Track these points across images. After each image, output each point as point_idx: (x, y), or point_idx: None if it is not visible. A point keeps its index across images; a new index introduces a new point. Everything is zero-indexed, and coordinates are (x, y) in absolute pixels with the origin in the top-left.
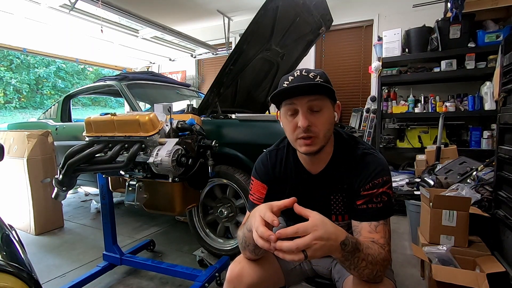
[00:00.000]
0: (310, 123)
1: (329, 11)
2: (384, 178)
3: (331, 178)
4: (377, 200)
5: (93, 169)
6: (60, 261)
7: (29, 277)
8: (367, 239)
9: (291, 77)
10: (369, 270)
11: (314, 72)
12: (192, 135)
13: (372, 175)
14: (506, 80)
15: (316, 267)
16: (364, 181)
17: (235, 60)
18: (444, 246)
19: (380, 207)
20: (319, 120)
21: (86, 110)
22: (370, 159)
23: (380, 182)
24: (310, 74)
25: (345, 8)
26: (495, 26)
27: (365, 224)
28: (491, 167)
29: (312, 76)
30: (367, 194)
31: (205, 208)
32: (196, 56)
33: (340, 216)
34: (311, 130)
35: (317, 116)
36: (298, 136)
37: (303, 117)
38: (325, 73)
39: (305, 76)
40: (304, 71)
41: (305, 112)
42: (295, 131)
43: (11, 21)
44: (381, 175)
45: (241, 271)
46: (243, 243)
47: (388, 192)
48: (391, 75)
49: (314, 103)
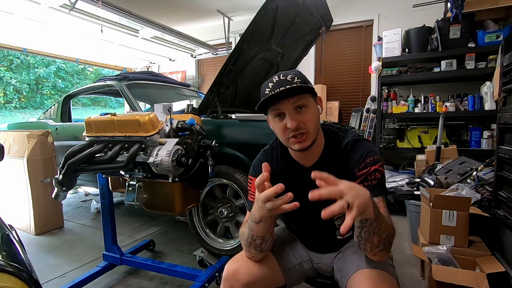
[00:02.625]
0: (298, 121)
1: (329, 11)
2: (375, 157)
3: (325, 169)
4: (371, 178)
5: (93, 169)
6: (60, 261)
7: (29, 277)
8: None
9: (271, 83)
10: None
11: (291, 74)
12: (192, 135)
13: (363, 156)
14: (506, 80)
15: (318, 265)
16: (357, 162)
17: (235, 60)
18: (444, 246)
19: (375, 183)
20: (306, 116)
21: (86, 110)
22: (360, 144)
23: (371, 161)
24: (288, 77)
25: (345, 8)
26: (495, 26)
27: None
28: (491, 167)
29: (290, 79)
30: (362, 174)
31: (205, 208)
32: (196, 56)
33: None
34: (300, 127)
35: (304, 113)
36: (289, 136)
37: (291, 119)
38: (301, 73)
39: (283, 80)
40: (281, 75)
41: (291, 113)
42: (285, 132)
43: (11, 21)
44: (371, 154)
45: (238, 269)
46: (249, 238)
47: (380, 169)
48: (391, 75)
49: (298, 103)
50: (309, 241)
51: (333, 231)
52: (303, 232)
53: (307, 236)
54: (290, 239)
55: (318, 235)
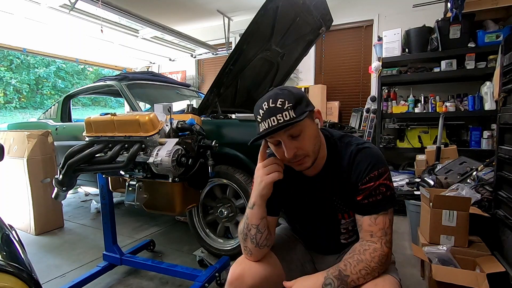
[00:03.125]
0: (295, 149)
1: (329, 11)
2: (379, 170)
3: (328, 179)
4: (376, 193)
5: (93, 169)
6: (60, 261)
7: (29, 277)
8: (367, 232)
9: (261, 110)
10: (370, 277)
11: (281, 98)
12: (192, 135)
13: (367, 170)
14: (506, 80)
15: (319, 266)
16: (360, 176)
17: (235, 60)
18: (444, 246)
19: (379, 199)
20: (303, 143)
21: (86, 110)
22: (364, 154)
23: (376, 175)
24: (278, 103)
25: (345, 8)
26: (495, 26)
27: (366, 217)
28: (491, 167)
29: (280, 104)
30: (365, 188)
31: (205, 208)
32: (196, 56)
33: (346, 214)
34: (298, 154)
35: (300, 140)
36: (290, 161)
37: (287, 149)
38: (292, 91)
39: (273, 108)
40: (271, 102)
41: (287, 142)
42: (285, 158)
43: (11, 21)
44: (376, 167)
45: (242, 272)
46: (245, 229)
47: (386, 183)
48: (391, 75)
49: (292, 131)
50: (310, 241)
51: (334, 233)
52: (305, 233)
53: (308, 237)
54: (292, 239)
55: (319, 235)
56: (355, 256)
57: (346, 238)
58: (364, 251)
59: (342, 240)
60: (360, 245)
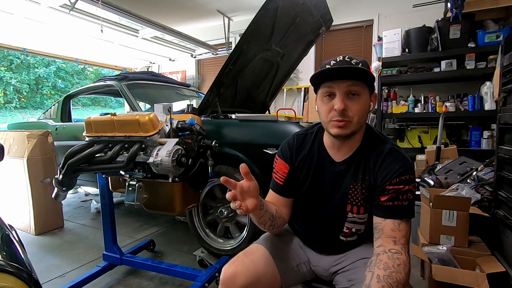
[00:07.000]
0: (346, 107)
1: (329, 11)
2: (411, 176)
3: (354, 168)
4: (403, 198)
5: (93, 169)
6: (60, 261)
7: (29, 277)
8: (389, 238)
9: (333, 61)
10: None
11: (357, 59)
12: (192, 135)
13: (400, 171)
14: (506, 80)
15: (315, 267)
16: (391, 175)
17: (235, 60)
18: (444, 246)
19: (405, 205)
20: (355, 105)
21: (86, 110)
22: (399, 155)
23: (407, 179)
24: (353, 60)
25: (345, 8)
26: (495, 26)
27: (389, 221)
28: (491, 167)
29: (354, 63)
30: (393, 190)
31: (205, 208)
32: (196, 56)
33: (356, 207)
34: (346, 114)
35: (354, 101)
36: (332, 118)
37: (339, 101)
38: (367, 63)
39: (347, 62)
40: (347, 57)
41: (342, 95)
42: (330, 113)
43: (11, 21)
44: (409, 172)
45: (235, 272)
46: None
47: (413, 190)
48: (391, 75)
49: (352, 88)
50: (309, 234)
51: (337, 228)
52: (307, 226)
53: (308, 227)
54: (288, 239)
55: (320, 226)
56: (392, 274)
57: (345, 236)
58: (397, 266)
59: (341, 237)
60: (389, 259)
